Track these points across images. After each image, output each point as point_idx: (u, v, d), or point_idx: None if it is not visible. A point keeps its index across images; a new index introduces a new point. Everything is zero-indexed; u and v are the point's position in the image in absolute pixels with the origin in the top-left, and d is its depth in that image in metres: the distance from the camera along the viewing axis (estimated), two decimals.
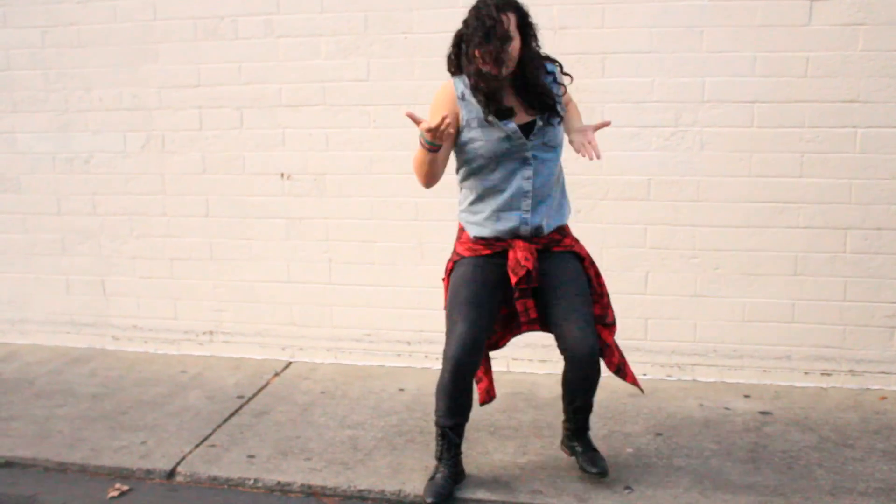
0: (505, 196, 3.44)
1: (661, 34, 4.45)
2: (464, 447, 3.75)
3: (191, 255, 5.20)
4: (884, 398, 4.47)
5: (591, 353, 3.41)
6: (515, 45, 3.30)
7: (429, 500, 3.51)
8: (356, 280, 5.01)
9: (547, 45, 3.88)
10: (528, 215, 3.45)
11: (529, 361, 4.87)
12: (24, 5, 5.15)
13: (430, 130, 3.27)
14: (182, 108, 5.06)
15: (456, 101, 3.45)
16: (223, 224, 5.13)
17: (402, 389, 4.70)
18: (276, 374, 4.96)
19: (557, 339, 3.47)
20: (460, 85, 3.45)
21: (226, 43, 4.95)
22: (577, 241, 3.63)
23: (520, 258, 3.42)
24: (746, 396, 4.51)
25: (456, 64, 3.48)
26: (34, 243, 5.43)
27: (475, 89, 3.37)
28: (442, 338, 4.72)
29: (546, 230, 3.49)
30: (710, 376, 4.68)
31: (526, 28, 3.37)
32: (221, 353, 5.27)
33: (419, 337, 4.98)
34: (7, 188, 5.40)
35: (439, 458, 3.63)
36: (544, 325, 3.58)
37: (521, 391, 4.63)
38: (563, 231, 3.58)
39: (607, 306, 3.64)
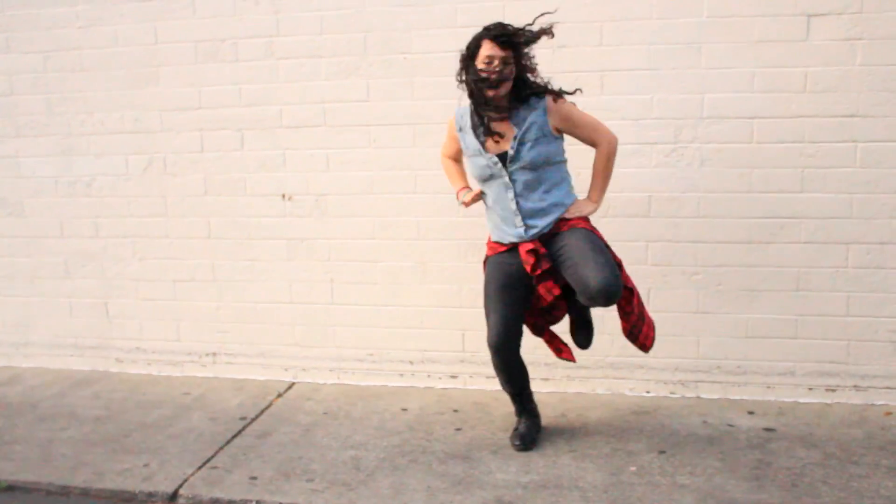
0: (500, 214, 3.95)
1: (660, 51, 4.46)
2: (465, 467, 3.88)
3: (193, 277, 5.21)
4: (889, 413, 4.44)
5: (608, 283, 3.62)
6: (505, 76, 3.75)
7: (517, 443, 4.11)
8: (358, 300, 5.01)
9: (545, 63, 3.95)
10: (521, 230, 3.90)
11: (533, 380, 4.83)
12: (27, 31, 5.19)
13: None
14: (184, 130, 5.09)
15: (456, 134, 4.04)
16: (225, 245, 5.14)
17: (404, 409, 4.69)
18: (279, 395, 4.96)
19: (579, 287, 3.73)
20: (459, 117, 4.00)
21: (227, 65, 4.98)
22: (586, 219, 3.97)
23: (522, 253, 3.87)
24: (750, 413, 4.49)
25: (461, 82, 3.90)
26: (38, 266, 5.44)
27: (474, 110, 3.90)
28: (444, 356, 4.82)
29: (547, 229, 3.88)
30: (714, 393, 4.67)
31: (519, 55, 3.77)
32: (224, 374, 5.27)
33: (422, 356, 4.98)
34: (11, 212, 5.42)
35: (519, 415, 4.25)
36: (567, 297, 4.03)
37: None
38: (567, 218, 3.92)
39: (635, 291, 3.98)
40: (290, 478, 3.91)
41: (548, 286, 3.88)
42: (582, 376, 4.76)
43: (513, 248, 3.95)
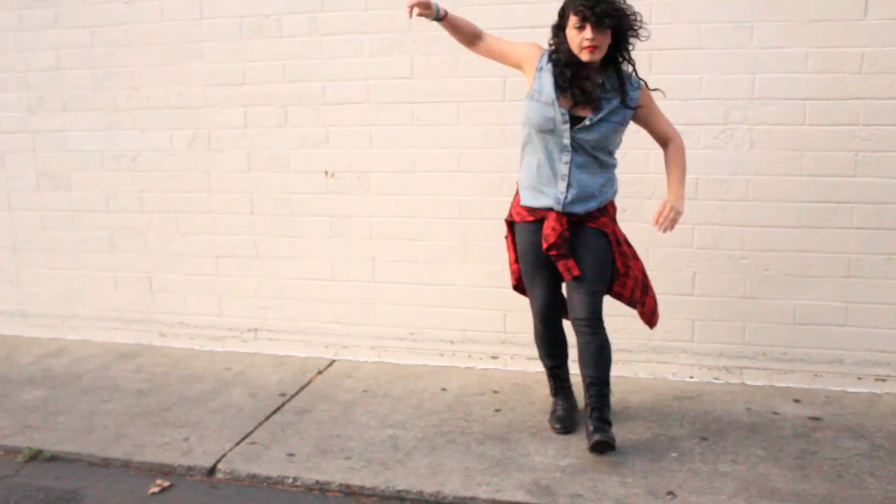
0: (545, 173, 3.78)
1: (710, 30, 4.35)
2: (503, 449, 3.85)
3: (236, 253, 5.22)
4: None
5: (588, 316, 3.80)
6: (603, 40, 3.54)
7: (556, 426, 4.10)
8: (400, 279, 4.99)
9: None
10: (562, 196, 3.75)
11: (574, 361, 4.79)
12: (75, 6, 5.21)
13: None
14: (227, 106, 5.08)
15: (535, 68, 3.77)
16: (268, 222, 5.14)
17: (444, 389, 4.66)
18: (320, 373, 4.96)
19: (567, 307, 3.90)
20: (544, 59, 3.75)
21: (271, 41, 4.96)
22: (613, 221, 3.89)
23: (546, 230, 3.78)
24: (796, 401, 4.40)
25: (555, 34, 3.72)
26: (83, 240, 5.49)
27: (556, 64, 3.68)
28: (485, 336, 4.78)
29: (581, 211, 3.76)
30: (759, 380, 4.58)
31: (621, 31, 3.58)
32: (266, 350, 5.28)
33: (462, 336, 4.94)
34: (58, 186, 5.47)
35: (555, 394, 4.25)
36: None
37: None
38: (604, 209, 3.82)
39: (632, 287, 3.89)
40: (328, 455, 3.90)
41: (568, 265, 3.78)
42: (624, 360, 4.69)
43: (539, 219, 3.83)
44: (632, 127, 3.84)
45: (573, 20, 3.55)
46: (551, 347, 4.16)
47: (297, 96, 4.96)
